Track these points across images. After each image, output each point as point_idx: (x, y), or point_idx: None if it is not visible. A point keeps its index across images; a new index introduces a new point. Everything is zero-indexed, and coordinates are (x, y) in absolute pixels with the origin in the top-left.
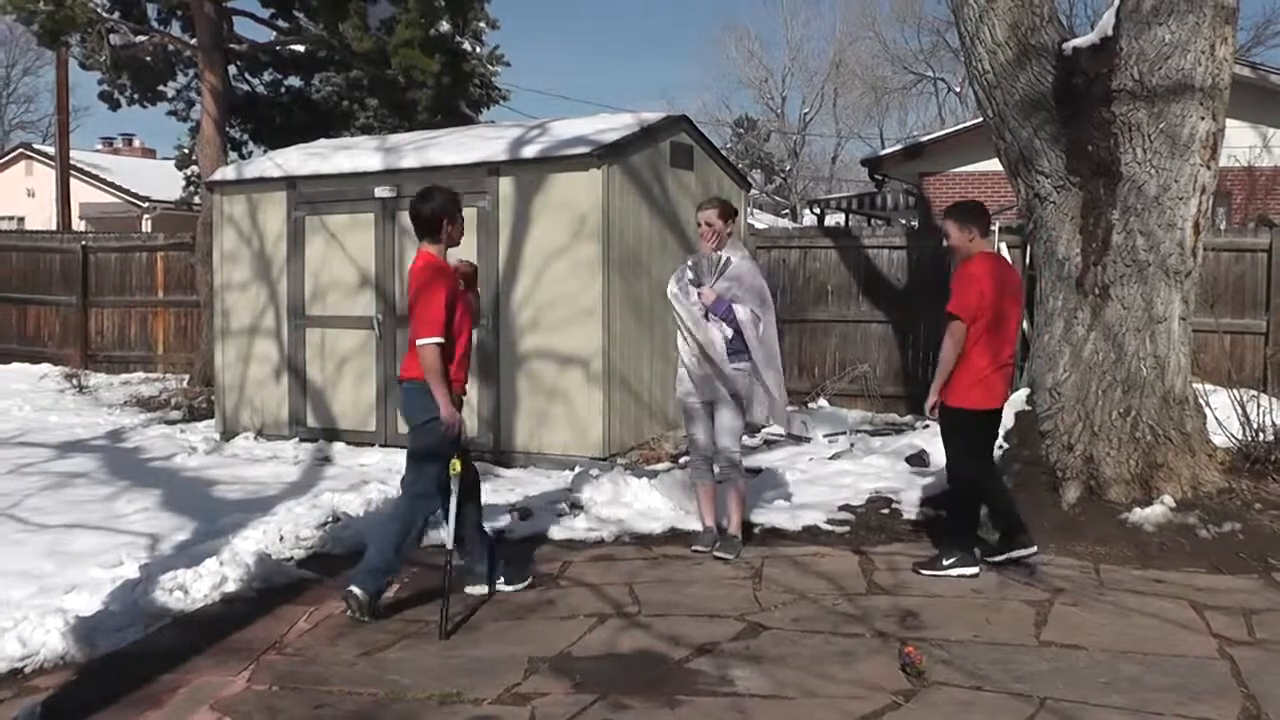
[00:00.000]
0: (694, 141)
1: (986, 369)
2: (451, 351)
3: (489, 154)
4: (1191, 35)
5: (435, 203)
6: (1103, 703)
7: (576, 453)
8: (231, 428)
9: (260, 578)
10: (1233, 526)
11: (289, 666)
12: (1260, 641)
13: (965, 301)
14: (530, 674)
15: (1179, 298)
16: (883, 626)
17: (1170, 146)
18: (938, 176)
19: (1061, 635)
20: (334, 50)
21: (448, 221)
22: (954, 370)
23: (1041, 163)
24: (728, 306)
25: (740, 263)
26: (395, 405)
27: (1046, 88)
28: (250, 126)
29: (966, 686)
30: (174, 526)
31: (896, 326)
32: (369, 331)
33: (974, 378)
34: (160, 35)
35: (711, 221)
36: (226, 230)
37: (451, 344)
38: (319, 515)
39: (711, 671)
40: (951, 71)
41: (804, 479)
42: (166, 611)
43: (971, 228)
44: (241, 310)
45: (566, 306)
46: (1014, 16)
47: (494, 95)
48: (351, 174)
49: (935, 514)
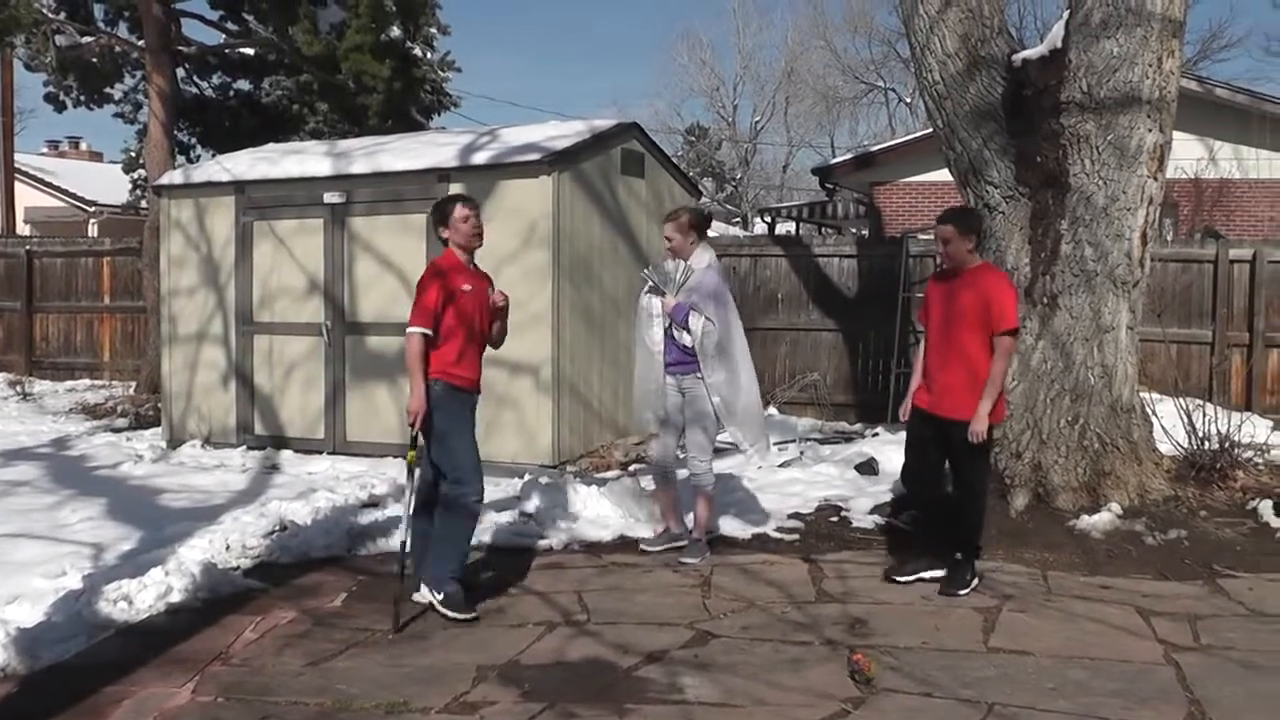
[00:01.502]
0: (645, 149)
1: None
2: (448, 349)
3: (439, 160)
4: (1139, 49)
5: (433, 212)
6: (1049, 708)
7: (526, 460)
8: (178, 435)
9: (206, 587)
10: (1178, 533)
11: (234, 677)
12: (1205, 647)
13: (1017, 315)
14: (478, 682)
15: (1126, 307)
16: (832, 634)
17: (1118, 158)
18: (888, 186)
19: (1009, 641)
20: (284, 54)
21: (440, 226)
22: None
23: (991, 173)
24: (686, 314)
25: (700, 271)
26: (343, 412)
27: (996, 99)
28: (199, 130)
29: (915, 693)
30: (119, 536)
31: (846, 335)
32: (318, 338)
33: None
34: (107, 36)
35: (669, 235)
36: (174, 235)
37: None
38: (266, 524)
39: (661, 679)
40: (902, 82)
41: (753, 487)
42: (111, 622)
43: (971, 236)
44: (189, 316)
45: (516, 313)
46: (964, 28)
47: (445, 101)
48: (301, 179)
49: (885, 521)
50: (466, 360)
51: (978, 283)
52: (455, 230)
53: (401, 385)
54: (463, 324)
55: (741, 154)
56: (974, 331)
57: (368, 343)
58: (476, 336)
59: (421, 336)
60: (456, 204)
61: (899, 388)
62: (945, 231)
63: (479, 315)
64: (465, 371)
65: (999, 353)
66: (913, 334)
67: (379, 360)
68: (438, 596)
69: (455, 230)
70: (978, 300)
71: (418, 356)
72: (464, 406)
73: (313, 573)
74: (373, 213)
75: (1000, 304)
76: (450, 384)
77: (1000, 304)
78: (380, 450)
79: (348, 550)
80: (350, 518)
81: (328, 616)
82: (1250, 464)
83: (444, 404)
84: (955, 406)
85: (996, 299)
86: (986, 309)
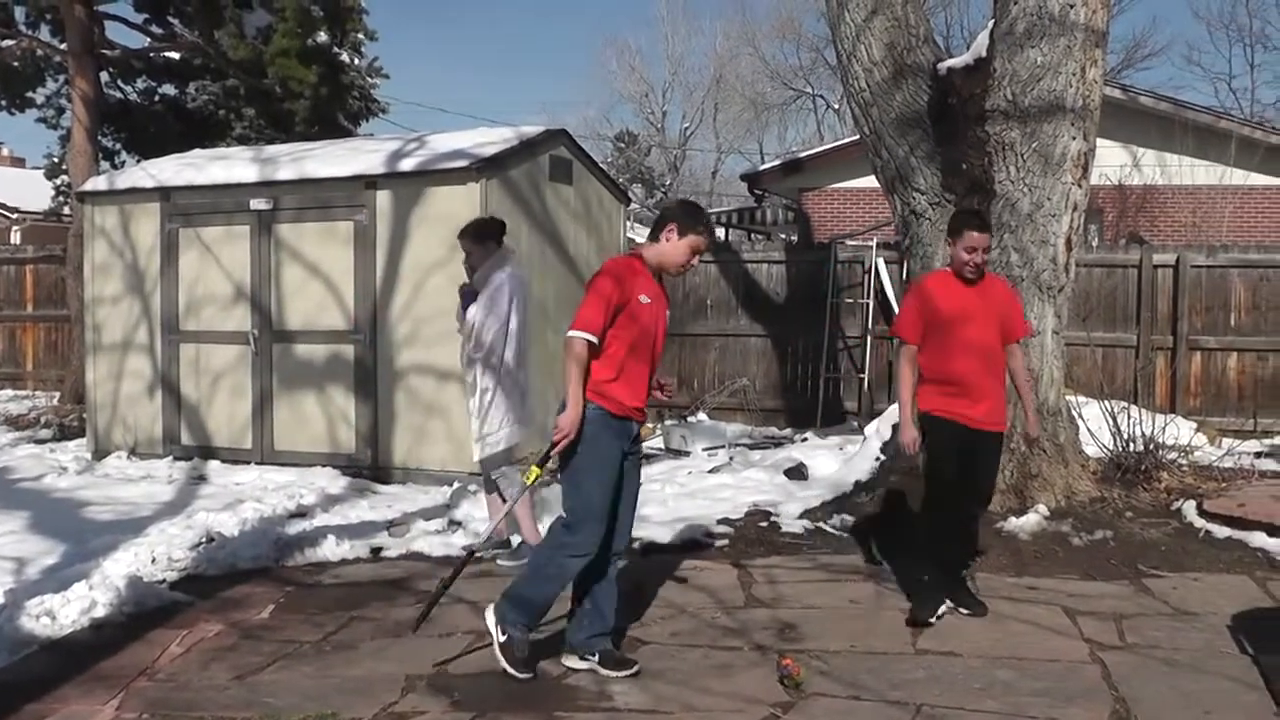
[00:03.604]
0: (573, 156)
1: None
2: (607, 363)
3: (366, 167)
4: (1063, 58)
5: (678, 206)
6: (977, 708)
7: (455, 468)
8: (103, 446)
9: (131, 601)
10: (1104, 534)
11: (160, 693)
12: (1130, 645)
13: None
14: (407, 692)
15: (1052, 312)
16: (761, 639)
17: (1043, 165)
18: (817, 192)
19: (938, 643)
20: (209, 58)
21: (673, 229)
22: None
23: (917, 180)
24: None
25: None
26: (271, 422)
27: (922, 106)
28: (123, 135)
29: (844, 696)
30: (42, 550)
31: (775, 340)
32: (245, 346)
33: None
34: (29, 39)
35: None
36: (98, 242)
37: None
38: (193, 536)
39: (590, 687)
40: (831, 88)
41: (683, 492)
42: (33, 639)
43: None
44: (114, 325)
45: (445, 321)
46: (890, 36)
47: (373, 108)
48: (227, 185)
49: (814, 526)
50: (628, 380)
51: (998, 289)
52: (673, 249)
53: (330, 393)
54: (632, 337)
55: (671, 160)
56: (999, 339)
57: (295, 351)
58: (645, 356)
59: (585, 343)
60: (702, 233)
61: (828, 393)
62: (985, 240)
63: (655, 333)
64: (622, 394)
65: (1022, 357)
66: (841, 339)
67: (307, 368)
68: (501, 637)
69: (673, 249)
70: (1004, 307)
71: (578, 362)
72: (615, 439)
73: (240, 584)
74: (300, 219)
75: (1019, 310)
76: (603, 407)
77: (1019, 310)
78: (308, 460)
79: (275, 561)
80: (278, 528)
81: (255, 629)
82: (1174, 465)
83: (593, 432)
84: (1002, 418)
85: (1017, 305)
86: (1010, 315)
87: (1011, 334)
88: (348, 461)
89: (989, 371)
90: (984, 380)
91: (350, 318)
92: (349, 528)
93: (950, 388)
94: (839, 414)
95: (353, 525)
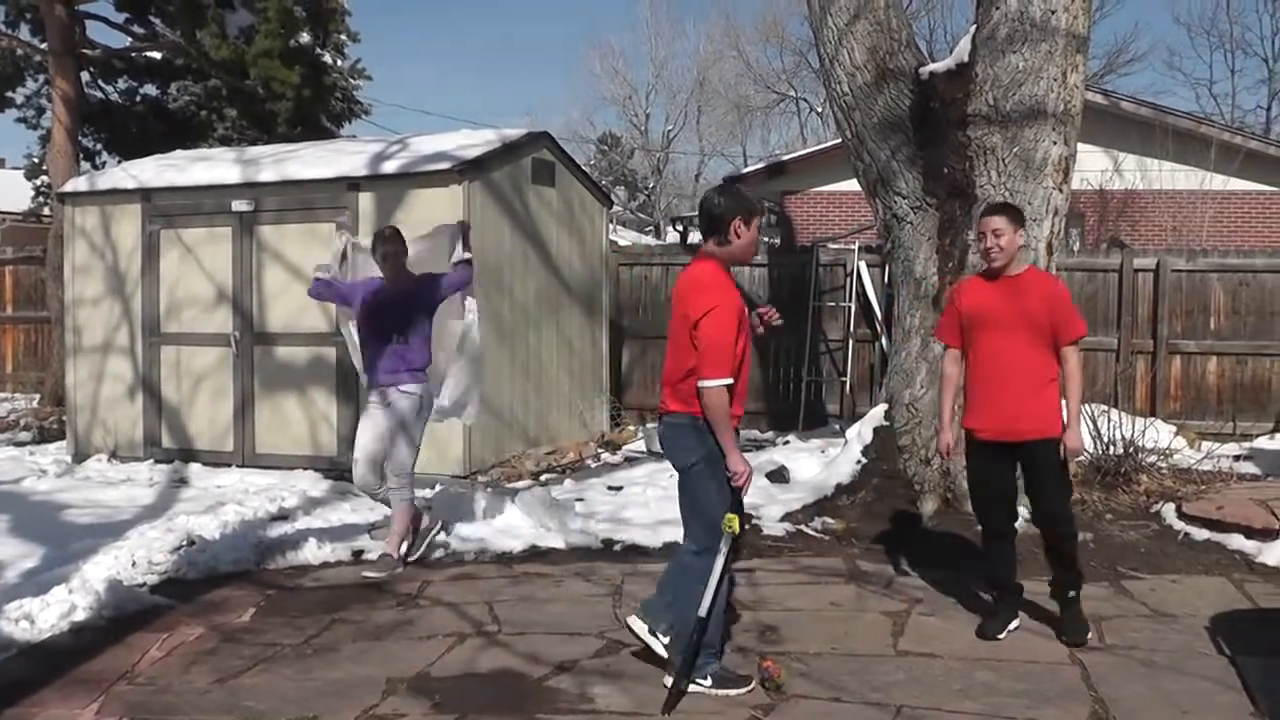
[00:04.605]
0: (556, 158)
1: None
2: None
3: (349, 169)
4: (1044, 63)
5: (729, 198)
6: (957, 709)
7: (437, 471)
8: (84, 449)
9: (111, 605)
10: (1084, 536)
11: (140, 697)
12: (1109, 647)
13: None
14: (388, 695)
15: None
16: (742, 641)
17: (1024, 170)
18: (799, 195)
19: (918, 645)
20: (191, 58)
21: (740, 222)
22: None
23: (899, 184)
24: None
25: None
26: (252, 424)
27: (904, 111)
28: (104, 136)
29: (825, 698)
30: (21, 553)
31: (757, 343)
32: (226, 349)
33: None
34: (8, 38)
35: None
36: (78, 243)
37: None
38: (173, 539)
39: (572, 689)
40: (813, 92)
41: (664, 496)
42: (12, 642)
43: (1022, 231)
44: (94, 327)
45: None
46: (872, 40)
47: (355, 109)
48: (208, 186)
49: (796, 529)
50: (733, 391)
51: (1038, 287)
52: (748, 241)
53: (311, 396)
54: (741, 350)
55: (654, 163)
56: (1040, 341)
57: (277, 353)
58: (742, 359)
59: (724, 389)
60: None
61: (810, 396)
62: (997, 223)
63: (747, 338)
64: (737, 409)
65: (1076, 364)
66: (823, 342)
67: (288, 371)
68: (706, 684)
69: (748, 241)
70: (1043, 306)
71: (726, 412)
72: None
73: (221, 588)
74: (282, 221)
75: (1070, 309)
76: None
77: (1070, 309)
78: (290, 462)
79: (256, 564)
80: (259, 531)
81: (236, 632)
82: (1154, 468)
83: (713, 452)
84: (1036, 426)
85: (1064, 304)
86: (1053, 315)
87: (1059, 337)
88: (329, 464)
89: (1011, 378)
90: (1004, 388)
91: (332, 320)
92: (330, 530)
93: (972, 397)
94: (821, 417)
95: (334, 528)
